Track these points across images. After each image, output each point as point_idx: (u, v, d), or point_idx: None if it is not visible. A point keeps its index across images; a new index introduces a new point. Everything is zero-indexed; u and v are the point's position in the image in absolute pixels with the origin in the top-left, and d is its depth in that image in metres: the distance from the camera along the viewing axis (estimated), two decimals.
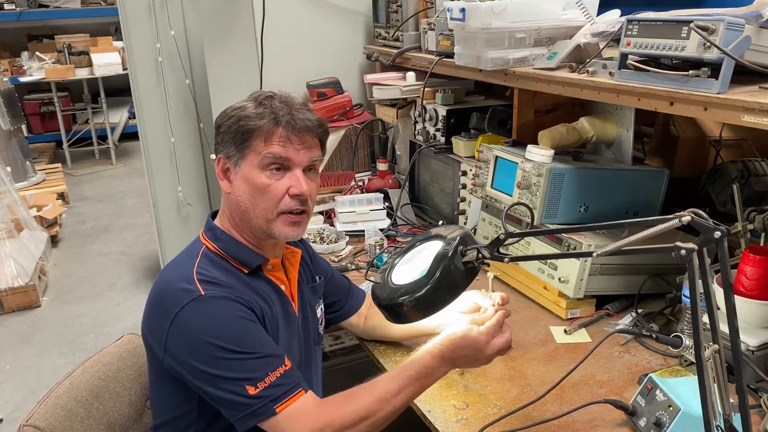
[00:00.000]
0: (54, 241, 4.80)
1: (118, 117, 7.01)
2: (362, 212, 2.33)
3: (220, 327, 1.18)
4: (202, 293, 1.20)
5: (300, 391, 1.18)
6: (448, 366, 1.23)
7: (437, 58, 2.16)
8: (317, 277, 1.53)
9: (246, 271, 1.31)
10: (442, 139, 2.30)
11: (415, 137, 2.47)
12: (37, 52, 6.59)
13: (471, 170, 2.11)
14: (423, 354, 1.23)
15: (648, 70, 1.37)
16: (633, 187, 1.82)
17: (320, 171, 1.41)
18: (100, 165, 6.79)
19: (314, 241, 2.22)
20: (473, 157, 2.13)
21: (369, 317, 1.62)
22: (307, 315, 1.46)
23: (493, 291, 1.56)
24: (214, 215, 1.39)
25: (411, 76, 2.49)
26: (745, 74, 1.26)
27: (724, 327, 0.95)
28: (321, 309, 1.53)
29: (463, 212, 2.19)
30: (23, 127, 5.84)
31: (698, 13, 1.32)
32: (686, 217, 0.87)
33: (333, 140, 2.67)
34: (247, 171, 1.28)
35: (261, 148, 1.27)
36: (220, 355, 1.16)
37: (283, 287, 1.38)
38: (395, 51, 2.50)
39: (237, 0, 2.59)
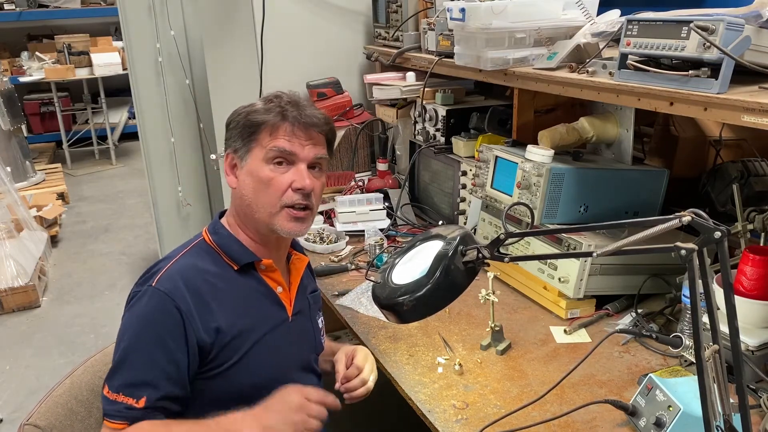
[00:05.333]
0: (54, 241, 4.80)
1: (118, 117, 7.01)
2: (362, 212, 2.33)
3: (138, 322, 1.23)
4: (153, 284, 1.24)
5: (122, 425, 1.18)
6: (254, 420, 1.23)
7: (437, 58, 2.16)
8: (316, 290, 1.55)
9: (236, 267, 1.33)
10: (442, 139, 2.30)
11: (415, 137, 2.47)
12: (37, 52, 6.59)
13: (471, 170, 2.11)
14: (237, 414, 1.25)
15: (648, 70, 1.37)
16: (633, 187, 1.82)
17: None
18: (100, 165, 6.79)
19: (314, 241, 2.22)
20: (473, 157, 2.13)
21: None
22: (307, 323, 1.47)
23: (493, 291, 1.57)
24: (222, 214, 1.42)
25: (411, 76, 2.49)
26: (745, 74, 1.26)
27: (724, 327, 0.95)
28: (321, 320, 1.55)
29: (463, 212, 2.19)
30: (23, 127, 5.84)
31: (698, 13, 1.32)
32: (686, 217, 0.87)
33: None
34: (253, 164, 1.30)
35: (266, 142, 1.29)
36: (121, 341, 1.24)
37: (279, 289, 1.38)
38: (395, 51, 2.50)
39: (237, 0, 2.59)
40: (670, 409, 1.19)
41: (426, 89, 2.34)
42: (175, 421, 1.23)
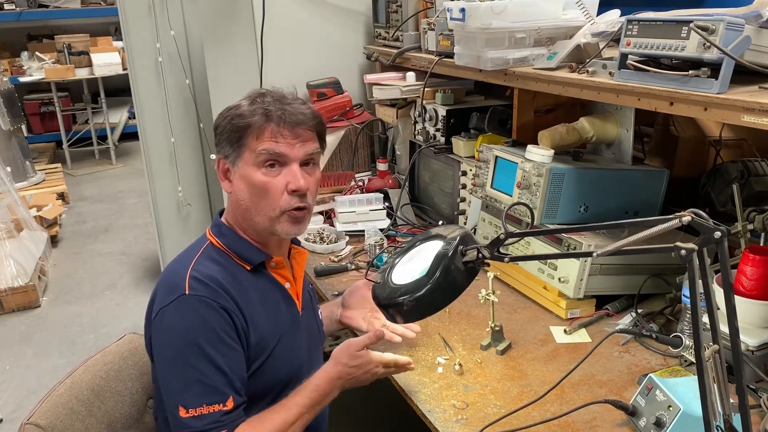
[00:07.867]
0: (54, 241, 4.80)
1: (118, 117, 7.01)
2: (362, 212, 2.33)
3: (189, 332, 1.20)
4: (186, 293, 1.21)
5: None
6: (336, 381, 1.30)
7: (437, 58, 2.16)
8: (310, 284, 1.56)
9: (248, 268, 1.32)
10: (442, 139, 2.30)
11: (415, 137, 2.47)
12: (37, 52, 6.59)
13: (471, 170, 2.11)
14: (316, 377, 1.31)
15: (648, 70, 1.38)
16: (633, 187, 1.82)
17: (321, 167, 1.42)
18: (100, 165, 6.79)
19: (314, 241, 2.22)
20: (473, 157, 2.13)
21: None
22: (311, 315, 1.48)
23: (493, 291, 1.57)
24: (222, 213, 1.41)
25: (411, 76, 2.49)
26: (745, 74, 1.26)
27: (724, 327, 0.95)
28: (320, 312, 1.55)
29: (463, 212, 2.19)
30: (23, 127, 5.84)
31: (698, 13, 1.32)
32: (686, 217, 0.87)
33: (333, 140, 2.67)
34: (245, 170, 1.28)
35: (255, 145, 1.26)
36: (178, 358, 1.19)
37: (287, 285, 1.39)
38: (395, 51, 2.50)
39: (237, 0, 2.59)
40: (670, 409, 1.19)
41: (426, 89, 2.34)
42: (266, 413, 1.23)
